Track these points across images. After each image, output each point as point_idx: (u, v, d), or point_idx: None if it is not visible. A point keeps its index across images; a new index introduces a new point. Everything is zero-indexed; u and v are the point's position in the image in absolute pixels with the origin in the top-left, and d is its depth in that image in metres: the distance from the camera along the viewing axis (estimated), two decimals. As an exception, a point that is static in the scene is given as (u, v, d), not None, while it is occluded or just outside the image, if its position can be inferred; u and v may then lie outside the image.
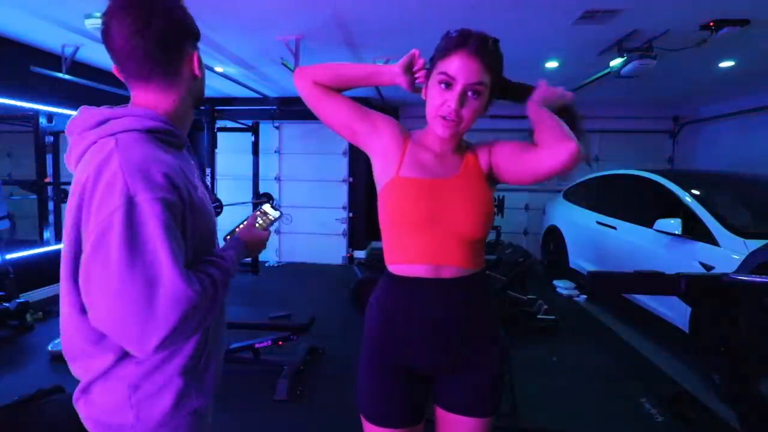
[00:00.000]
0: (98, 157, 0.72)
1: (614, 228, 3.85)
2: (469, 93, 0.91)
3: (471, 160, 1.02)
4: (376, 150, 1.03)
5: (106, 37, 0.77)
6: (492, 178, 1.03)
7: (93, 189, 0.69)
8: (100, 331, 0.74)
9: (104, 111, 0.79)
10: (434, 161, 1.01)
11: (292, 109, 5.79)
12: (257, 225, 1.01)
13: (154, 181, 0.69)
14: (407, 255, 0.99)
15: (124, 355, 0.77)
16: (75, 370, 0.81)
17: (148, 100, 0.81)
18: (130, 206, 0.67)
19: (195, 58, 0.83)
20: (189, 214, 0.76)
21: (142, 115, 0.78)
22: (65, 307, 0.77)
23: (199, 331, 0.76)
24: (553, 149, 0.92)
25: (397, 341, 1.00)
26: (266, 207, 1.05)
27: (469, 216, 0.96)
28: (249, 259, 5.24)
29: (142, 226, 0.67)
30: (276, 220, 1.04)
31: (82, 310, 0.74)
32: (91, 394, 0.80)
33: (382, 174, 1.02)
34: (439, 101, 0.92)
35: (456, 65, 0.89)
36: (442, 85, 0.91)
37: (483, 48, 0.89)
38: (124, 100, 0.84)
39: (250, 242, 0.95)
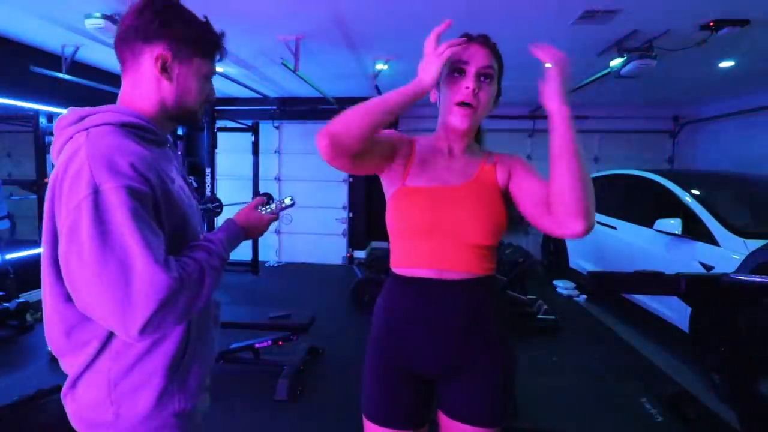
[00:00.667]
0: (70, 150, 0.74)
1: (614, 228, 3.85)
2: (482, 78, 0.93)
3: (487, 171, 1.00)
4: (388, 169, 1.02)
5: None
6: (506, 193, 1.00)
7: (62, 180, 0.71)
8: (82, 321, 0.76)
9: (87, 109, 0.81)
10: (444, 166, 1.00)
11: (292, 109, 5.79)
12: (266, 209, 0.99)
13: (118, 170, 0.70)
14: (412, 261, 0.98)
15: (103, 348, 0.78)
16: (63, 365, 0.83)
17: (127, 97, 0.84)
18: (96, 195, 0.68)
19: (157, 57, 0.81)
20: (163, 204, 0.76)
21: (119, 110, 0.80)
22: (48, 299, 0.78)
23: (189, 315, 0.75)
24: (562, 223, 0.85)
25: (400, 342, 0.99)
26: (286, 199, 1.04)
27: (478, 223, 0.95)
28: (249, 259, 5.25)
29: (109, 213, 0.68)
30: (288, 206, 1.03)
31: (66, 299, 0.75)
32: (77, 389, 0.81)
33: (389, 184, 1.02)
34: (454, 89, 0.94)
35: (466, 52, 0.93)
36: (455, 74, 0.94)
37: (487, 40, 0.96)
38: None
39: (247, 224, 0.94)
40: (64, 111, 0.88)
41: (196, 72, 0.85)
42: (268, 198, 0.98)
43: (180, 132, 5.16)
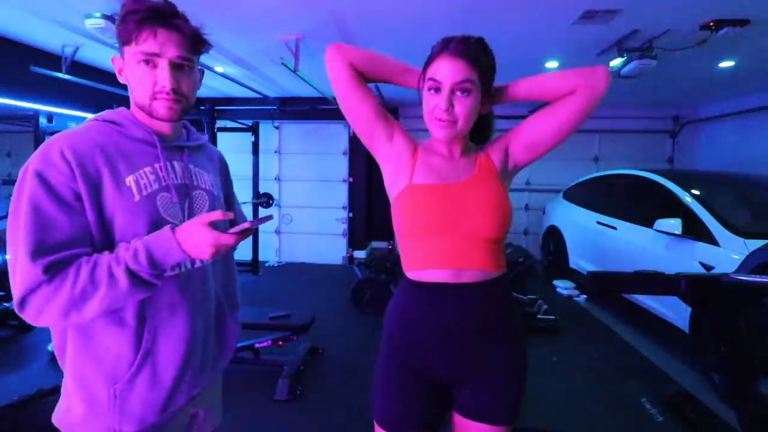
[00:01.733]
0: None
1: (614, 228, 3.84)
2: (458, 92, 0.92)
3: (483, 161, 1.02)
4: (389, 156, 1.03)
5: None
6: (506, 173, 1.03)
7: None
8: None
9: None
10: (446, 166, 1.01)
11: (292, 109, 5.79)
12: (231, 230, 0.80)
13: (46, 156, 0.75)
14: (426, 261, 0.98)
15: (65, 336, 0.83)
16: None
17: None
18: (24, 173, 0.75)
19: (114, 59, 0.86)
20: (86, 192, 0.76)
21: (116, 110, 0.87)
22: None
23: (78, 314, 0.74)
24: (594, 87, 0.92)
25: (414, 346, 0.99)
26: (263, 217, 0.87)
27: (488, 217, 0.96)
28: (249, 259, 5.24)
29: (21, 194, 0.74)
30: (262, 221, 0.84)
31: None
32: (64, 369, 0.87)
33: (393, 183, 1.02)
34: (431, 106, 0.94)
35: (440, 69, 0.92)
36: (432, 91, 0.94)
37: (464, 47, 0.92)
38: (123, 99, 0.88)
39: (182, 239, 0.77)
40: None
41: (129, 62, 0.82)
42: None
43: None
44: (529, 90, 0.99)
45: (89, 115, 0.86)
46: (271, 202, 5.24)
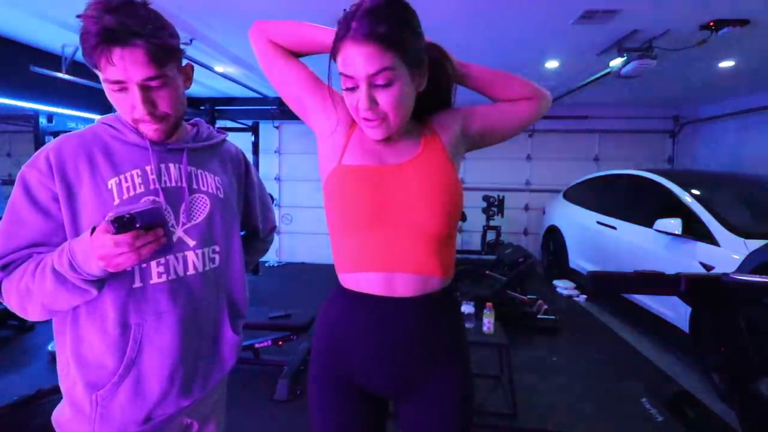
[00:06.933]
0: None
1: (614, 228, 3.84)
2: (378, 82, 0.74)
3: (430, 141, 0.86)
4: (324, 131, 0.89)
5: None
6: (457, 153, 0.89)
7: None
8: None
9: None
10: (384, 145, 0.85)
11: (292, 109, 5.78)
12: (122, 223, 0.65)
13: (34, 159, 0.78)
14: (356, 262, 0.84)
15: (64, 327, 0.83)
16: None
17: None
18: (17, 177, 0.78)
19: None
20: (63, 194, 0.76)
21: (116, 114, 0.86)
22: None
23: (33, 309, 0.75)
24: (542, 95, 0.92)
25: (346, 360, 0.88)
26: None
27: (431, 205, 0.80)
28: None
29: (10, 195, 0.78)
30: (149, 216, 0.67)
31: None
32: None
33: (325, 163, 0.88)
34: (353, 105, 0.79)
35: (348, 60, 0.74)
36: (348, 86, 0.77)
37: (370, 24, 0.71)
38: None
39: (94, 241, 0.68)
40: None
41: (104, 87, 0.78)
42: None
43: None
44: (488, 80, 0.91)
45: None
46: (271, 202, 5.24)
